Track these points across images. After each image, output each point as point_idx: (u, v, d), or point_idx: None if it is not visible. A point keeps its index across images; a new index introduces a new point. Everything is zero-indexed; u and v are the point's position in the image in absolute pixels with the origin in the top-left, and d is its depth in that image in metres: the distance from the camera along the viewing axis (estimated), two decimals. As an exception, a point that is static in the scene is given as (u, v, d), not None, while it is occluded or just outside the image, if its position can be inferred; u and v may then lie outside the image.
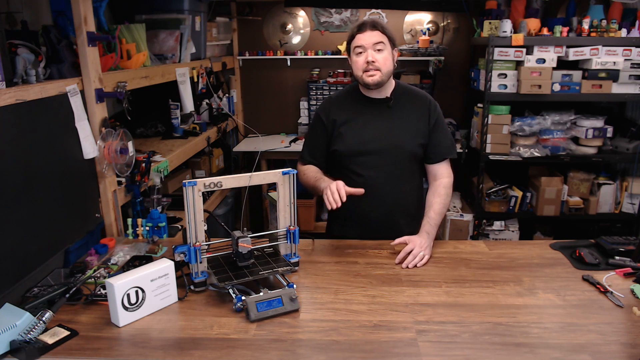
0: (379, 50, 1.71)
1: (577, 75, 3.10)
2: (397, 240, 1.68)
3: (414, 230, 1.76)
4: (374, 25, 1.71)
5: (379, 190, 1.79)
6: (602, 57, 3.04)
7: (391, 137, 1.78)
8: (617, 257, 1.60)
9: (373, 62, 1.69)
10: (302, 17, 3.89)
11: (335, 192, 1.58)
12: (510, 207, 3.36)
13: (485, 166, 3.27)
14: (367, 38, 1.70)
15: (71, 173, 1.68)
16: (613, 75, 3.06)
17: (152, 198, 1.95)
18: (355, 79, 1.79)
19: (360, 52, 1.72)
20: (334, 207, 1.57)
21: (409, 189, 1.85)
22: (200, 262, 1.41)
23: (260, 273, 1.41)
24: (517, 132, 3.22)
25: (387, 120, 1.80)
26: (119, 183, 1.93)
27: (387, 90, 1.81)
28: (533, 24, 3.13)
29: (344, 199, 1.57)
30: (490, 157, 3.23)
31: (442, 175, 1.85)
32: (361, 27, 1.73)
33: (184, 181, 1.35)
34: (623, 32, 3.06)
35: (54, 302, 1.32)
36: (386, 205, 1.81)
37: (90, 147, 1.73)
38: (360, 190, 1.62)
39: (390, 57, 1.74)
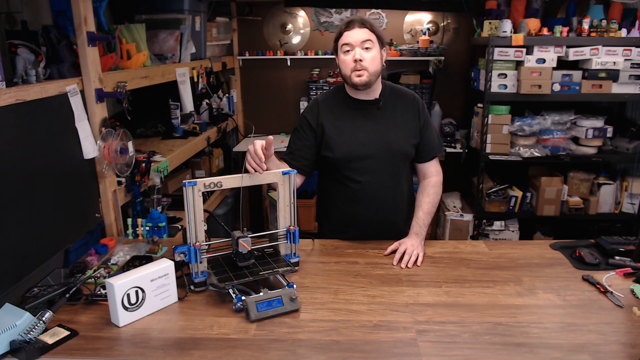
0: (367, 48, 1.66)
1: (577, 75, 3.10)
2: (390, 249, 1.69)
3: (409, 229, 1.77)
4: (363, 23, 1.67)
5: (378, 194, 1.77)
6: (602, 57, 3.04)
7: (385, 139, 1.74)
8: (617, 257, 1.60)
9: (360, 61, 1.64)
10: (302, 17, 3.89)
11: (255, 156, 1.44)
12: (510, 207, 3.36)
13: (485, 166, 3.27)
14: (356, 35, 1.65)
15: (71, 173, 1.68)
16: (613, 75, 3.06)
17: (152, 198, 1.95)
18: (342, 78, 1.74)
19: (348, 51, 1.67)
20: (260, 172, 1.46)
21: (405, 189, 1.84)
22: (200, 262, 1.41)
23: (260, 273, 1.41)
24: (517, 132, 3.23)
25: (379, 122, 1.76)
26: (119, 183, 1.93)
27: (376, 92, 1.76)
28: (533, 24, 3.13)
29: (263, 160, 1.45)
30: (490, 157, 3.24)
31: (431, 173, 1.84)
32: (349, 25, 1.67)
33: (184, 181, 1.35)
34: (623, 32, 3.06)
35: (54, 302, 1.32)
36: (386, 208, 1.79)
37: (90, 147, 1.73)
38: (270, 138, 1.47)
39: (379, 57, 1.69)
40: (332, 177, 1.82)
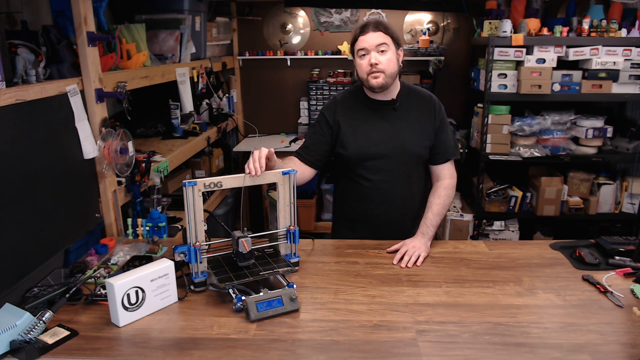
0: (382, 51, 1.67)
1: (577, 75, 3.10)
2: (392, 248, 1.70)
3: None
4: (377, 26, 1.68)
5: (388, 193, 1.79)
6: (602, 57, 3.04)
7: (399, 140, 1.76)
8: (617, 257, 1.60)
9: (376, 64, 1.66)
10: (302, 17, 3.89)
11: (257, 160, 1.47)
12: (510, 207, 3.36)
13: (485, 166, 3.27)
14: (370, 39, 1.67)
15: (71, 173, 1.68)
16: (613, 75, 3.06)
17: (152, 198, 1.95)
18: (360, 81, 1.76)
19: (364, 55, 1.69)
20: (253, 174, 1.45)
21: (416, 190, 1.84)
22: (200, 262, 1.41)
23: (260, 273, 1.41)
24: (517, 132, 3.22)
25: (394, 123, 1.77)
26: (119, 183, 1.93)
27: (393, 92, 1.78)
28: (533, 24, 3.13)
29: (264, 168, 1.47)
30: (490, 157, 3.23)
31: (445, 176, 1.84)
32: (364, 29, 1.69)
33: (184, 181, 1.35)
34: (623, 32, 3.06)
35: (54, 302, 1.32)
36: (395, 208, 1.81)
37: (90, 147, 1.73)
38: (271, 150, 1.51)
39: (395, 58, 1.71)
40: (345, 174, 1.84)
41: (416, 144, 1.78)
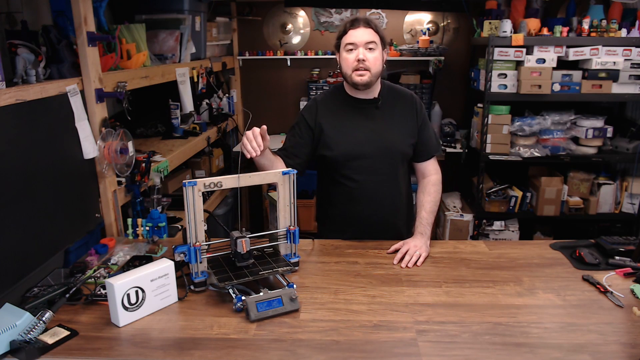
0: (370, 49, 1.67)
1: (577, 75, 3.10)
2: (393, 248, 1.70)
3: (411, 229, 1.77)
4: (368, 23, 1.67)
5: (376, 193, 1.77)
6: (602, 57, 3.04)
7: (384, 139, 1.75)
8: (617, 257, 1.60)
9: (364, 60, 1.65)
10: (302, 17, 3.89)
11: (253, 139, 1.50)
12: (510, 207, 3.36)
13: (485, 166, 3.27)
14: (360, 35, 1.66)
15: (71, 173, 1.68)
16: (613, 75, 3.06)
17: (152, 198, 1.95)
18: (343, 76, 1.75)
19: (351, 50, 1.68)
20: (253, 155, 1.49)
21: (402, 189, 1.84)
22: (200, 262, 1.41)
23: (260, 273, 1.41)
24: (517, 132, 3.23)
25: (378, 122, 1.76)
26: (119, 183, 1.93)
27: (375, 91, 1.77)
28: (533, 24, 3.13)
29: (262, 147, 1.51)
30: (490, 157, 3.23)
31: (430, 172, 1.85)
32: (354, 23, 1.68)
33: (184, 181, 1.35)
34: (623, 32, 3.06)
35: (54, 302, 1.32)
36: (384, 208, 1.79)
37: (90, 147, 1.73)
38: (263, 127, 1.54)
39: (381, 58, 1.70)
40: (331, 176, 1.82)
41: (401, 142, 1.77)
